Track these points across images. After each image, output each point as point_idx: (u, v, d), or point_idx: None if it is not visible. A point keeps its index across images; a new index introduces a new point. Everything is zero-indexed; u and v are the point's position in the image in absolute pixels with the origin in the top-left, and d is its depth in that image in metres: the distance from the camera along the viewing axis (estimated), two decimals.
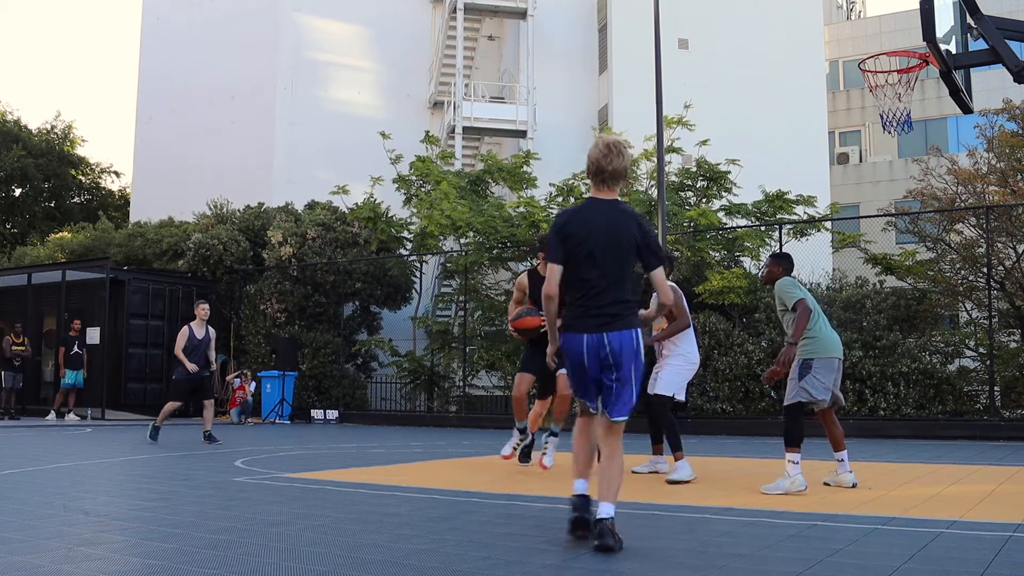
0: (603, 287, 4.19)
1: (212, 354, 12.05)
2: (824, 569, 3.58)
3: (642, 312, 4.32)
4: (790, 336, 6.35)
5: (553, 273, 4.24)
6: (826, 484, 6.50)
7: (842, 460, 6.47)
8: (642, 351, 4.25)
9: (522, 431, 7.98)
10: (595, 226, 4.23)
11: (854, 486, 6.35)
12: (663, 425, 7.21)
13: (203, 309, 12.02)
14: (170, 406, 11.69)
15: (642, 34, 20.17)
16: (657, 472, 7.68)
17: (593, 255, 4.19)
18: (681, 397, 7.38)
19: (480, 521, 4.92)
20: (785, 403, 6.39)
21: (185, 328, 11.97)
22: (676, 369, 7.30)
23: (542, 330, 7.05)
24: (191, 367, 11.62)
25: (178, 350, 11.78)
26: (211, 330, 12.14)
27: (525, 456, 8.28)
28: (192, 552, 3.96)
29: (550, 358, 4.59)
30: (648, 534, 4.52)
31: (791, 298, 6.42)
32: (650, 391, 7.28)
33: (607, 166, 4.27)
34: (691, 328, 7.39)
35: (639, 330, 4.23)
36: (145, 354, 20.10)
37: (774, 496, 5.96)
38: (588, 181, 5.96)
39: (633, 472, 7.51)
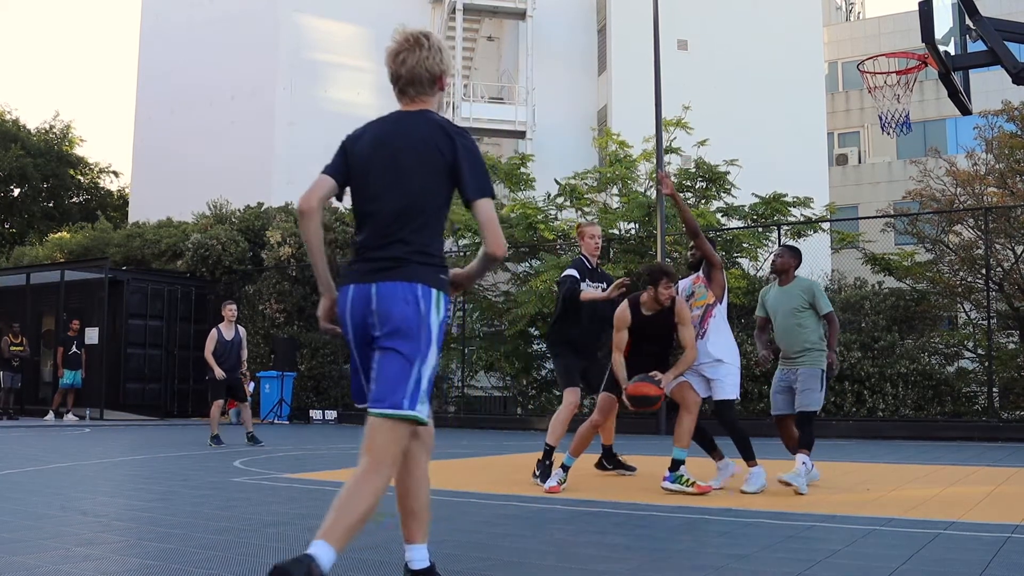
0: (385, 222, 2.99)
1: (244, 354, 11.69)
2: (822, 570, 3.58)
3: (456, 271, 3.11)
4: (824, 343, 6.56)
5: (316, 186, 3.15)
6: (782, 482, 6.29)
7: (804, 463, 6.40)
8: (435, 318, 2.92)
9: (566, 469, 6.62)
10: (385, 142, 3.13)
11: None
12: (734, 434, 6.43)
13: (231, 310, 11.62)
14: (216, 408, 11.39)
15: (641, 35, 20.17)
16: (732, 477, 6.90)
17: (373, 177, 3.08)
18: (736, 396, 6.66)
19: (477, 522, 4.92)
20: (809, 409, 6.49)
21: (214, 331, 11.51)
22: (734, 368, 6.55)
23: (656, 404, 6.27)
24: (219, 373, 11.22)
25: (208, 354, 11.33)
26: (241, 330, 11.73)
27: (609, 463, 7.74)
28: (190, 552, 3.96)
29: (322, 318, 3.15)
30: (646, 535, 4.52)
31: (827, 306, 6.60)
32: (716, 398, 6.54)
33: (400, 68, 3.20)
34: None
35: (434, 289, 2.93)
36: (144, 354, 20.10)
37: (772, 497, 5.96)
38: (588, 181, 5.91)
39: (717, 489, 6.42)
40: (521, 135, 26.00)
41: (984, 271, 14.68)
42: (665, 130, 17.39)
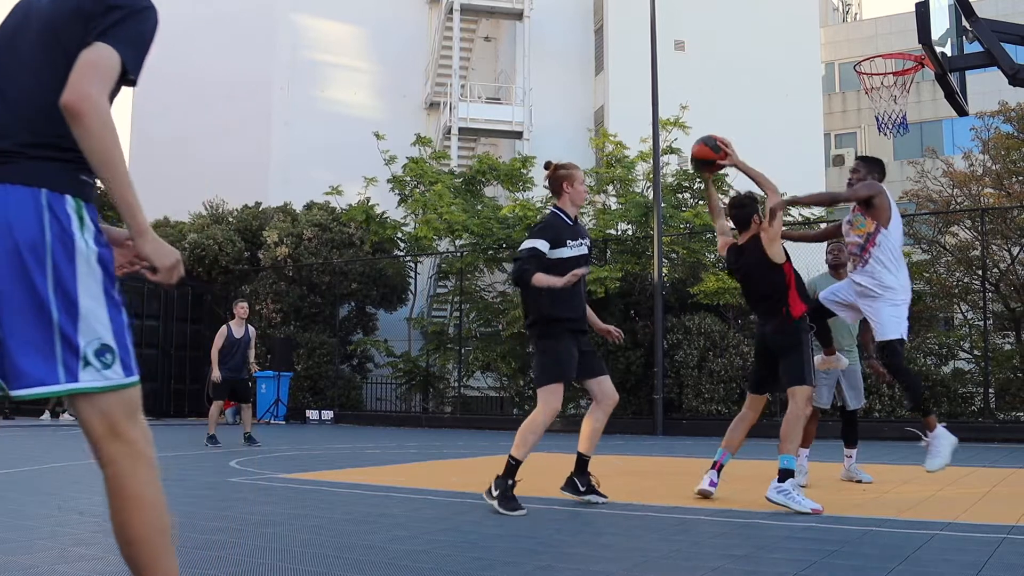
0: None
1: (252, 354, 11.54)
2: (818, 571, 3.58)
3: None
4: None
5: None
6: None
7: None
8: (80, 238, 2.04)
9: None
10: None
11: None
12: (903, 380, 5.60)
13: (242, 308, 11.52)
14: (215, 409, 11.30)
15: (638, 35, 20.19)
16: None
17: None
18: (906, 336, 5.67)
19: (474, 522, 4.92)
20: (856, 407, 7.00)
21: (223, 328, 11.43)
22: (898, 301, 5.60)
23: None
24: (216, 375, 11.14)
25: (214, 351, 11.23)
26: (251, 329, 11.61)
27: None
28: (186, 552, 3.95)
29: None
30: (643, 535, 4.52)
31: None
32: (876, 339, 5.68)
33: None
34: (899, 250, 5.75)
35: (70, 195, 2.06)
36: (140, 354, 19.75)
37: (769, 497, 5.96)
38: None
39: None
40: (518, 135, 26.00)
41: (980, 272, 14.70)
42: (663, 130, 17.41)
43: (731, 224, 5.99)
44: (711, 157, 5.83)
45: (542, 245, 5.42)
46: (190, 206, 23.74)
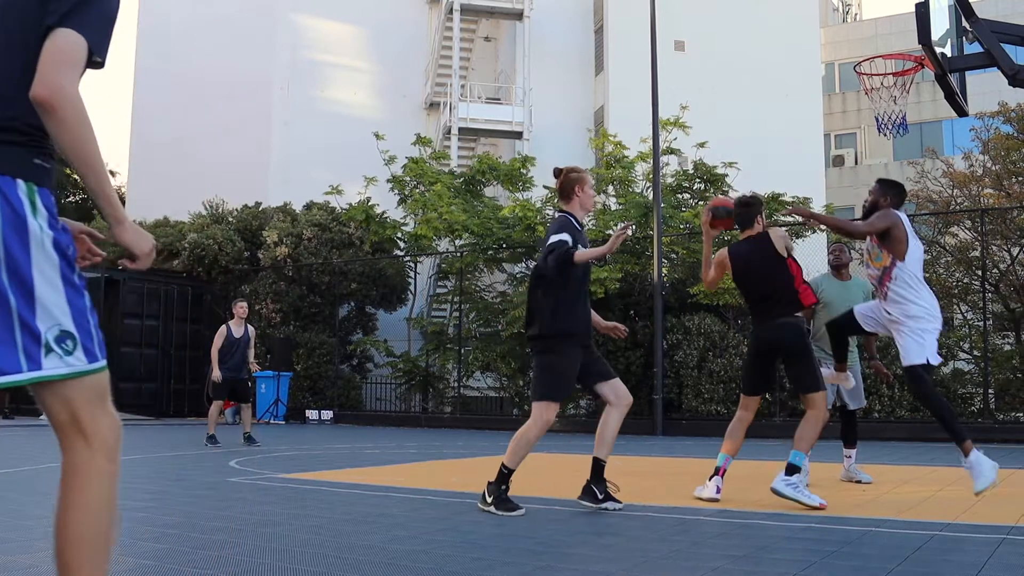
0: None
1: (251, 354, 11.51)
2: (818, 571, 3.58)
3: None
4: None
5: None
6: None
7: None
8: (33, 224, 1.98)
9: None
10: None
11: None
12: (930, 408, 5.48)
13: (242, 307, 11.52)
14: (214, 409, 11.27)
15: (639, 36, 20.19)
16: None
17: None
18: (935, 360, 5.61)
19: (473, 522, 4.92)
20: (856, 407, 7.17)
21: (223, 327, 11.41)
22: (920, 329, 5.57)
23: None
24: (216, 375, 11.11)
25: (214, 351, 11.21)
26: (251, 329, 11.60)
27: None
28: (186, 552, 3.95)
29: None
30: (642, 535, 4.52)
31: None
32: (904, 363, 5.62)
33: None
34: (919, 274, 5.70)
35: (21, 179, 2.01)
36: (139, 354, 20.08)
37: (767, 497, 5.95)
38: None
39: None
40: (518, 136, 26.00)
41: (980, 272, 14.71)
42: (663, 130, 17.42)
43: (736, 225, 6.06)
44: (727, 212, 5.97)
45: (567, 237, 5.32)
46: (190, 206, 23.75)
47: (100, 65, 2.07)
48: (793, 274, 5.73)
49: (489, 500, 5.26)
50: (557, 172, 5.69)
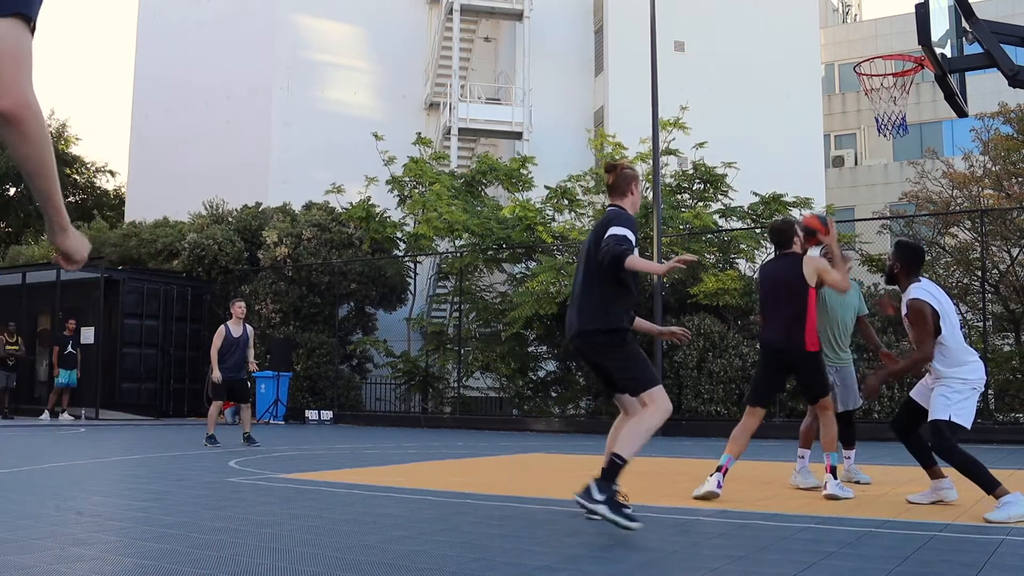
0: None
1: (251, 353, 11.48)
2: (817, 572, 3.58)
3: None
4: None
5: None
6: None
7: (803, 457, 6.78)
8: None
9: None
10: None
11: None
12: (954, 464, 5.30)
13: (239, 307, 11.50)
14: (214, 409, 11.26)
15: (638, 36, 20.19)
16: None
17: None
18: (959, 420, 5.37)
19: (473, 522, 4.92)
20: (852, 408, 7.12)
21: (221, 328, 11.37)
22: (953, 391, 5.41)
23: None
24: (216, 376, 11.09)
25: (213, 351, 11.17)
26: (249, 328, 11.57)
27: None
28: (185, 552, 3.95)
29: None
30: (641, 536, 4.52)
31: (864, 308, 7.24)
32: (929, 417, 5.47)
33: None
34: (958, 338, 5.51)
35: None
36: (140, 354, 20.09)
37: (767, 498, 5.96)
38: (584, 183, 5.72)
39: (909, 502, 5.76)
40: (518, 136, 26.01)
41: (980, 273, 14.71)
42: (662, 130, 17.41)
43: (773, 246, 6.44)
44: (818, 228, 6.40)
45: (633, 240, 4.90)
46: (190, 206, 23.76)
47: (33, 29, 1.80)
48: (807, 307, 6.01)
49: (600, 499, 4.46)
50: (610, 167, 5.38)
